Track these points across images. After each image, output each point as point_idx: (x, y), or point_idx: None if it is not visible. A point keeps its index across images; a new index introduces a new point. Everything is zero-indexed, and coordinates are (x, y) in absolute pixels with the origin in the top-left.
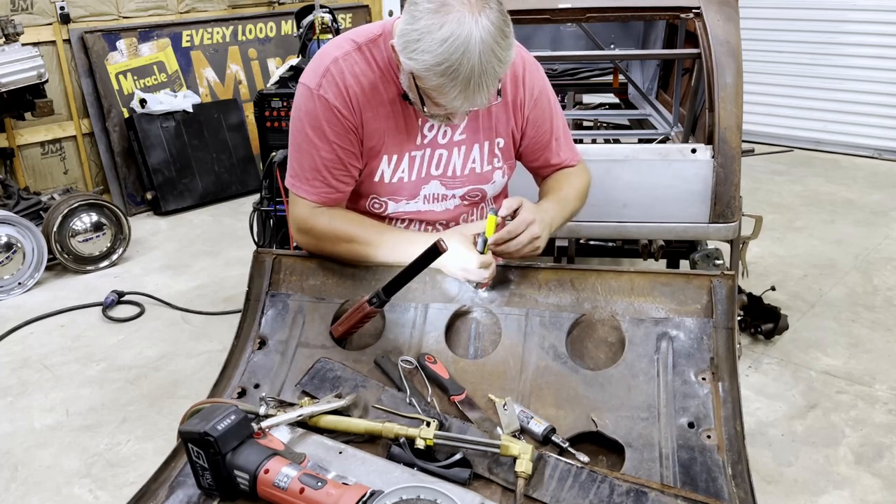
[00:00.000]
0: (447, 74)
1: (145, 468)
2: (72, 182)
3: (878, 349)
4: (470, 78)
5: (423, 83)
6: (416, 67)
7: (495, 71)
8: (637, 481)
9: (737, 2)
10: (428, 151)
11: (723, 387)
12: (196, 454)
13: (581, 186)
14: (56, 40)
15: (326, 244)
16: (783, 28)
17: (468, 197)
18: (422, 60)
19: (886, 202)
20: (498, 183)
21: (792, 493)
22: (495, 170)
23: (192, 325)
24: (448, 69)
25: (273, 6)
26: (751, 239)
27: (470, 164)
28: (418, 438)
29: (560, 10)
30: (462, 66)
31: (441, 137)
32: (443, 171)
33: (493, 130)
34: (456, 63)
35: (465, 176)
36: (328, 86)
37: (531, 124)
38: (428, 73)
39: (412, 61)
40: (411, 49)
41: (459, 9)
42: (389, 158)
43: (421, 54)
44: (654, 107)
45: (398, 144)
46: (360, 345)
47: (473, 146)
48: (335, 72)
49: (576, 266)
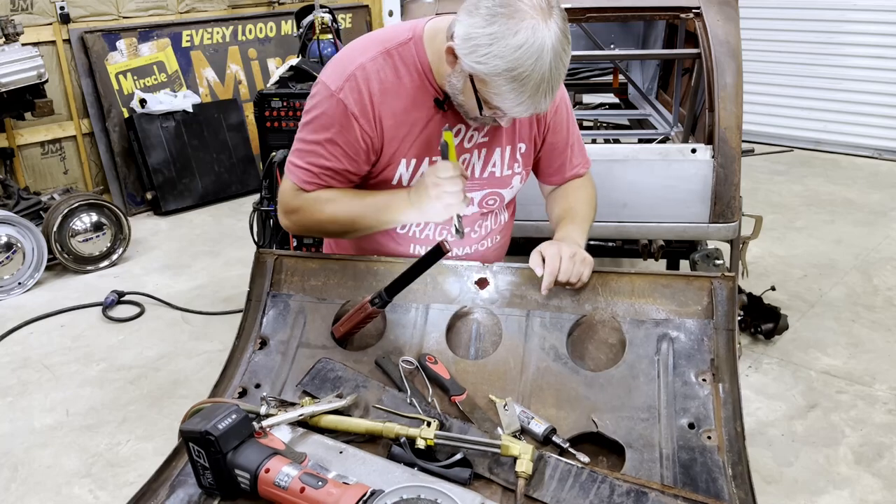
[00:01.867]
0: (518, 80)
1: (145, 468)
2: (72, 182)
3: (878, 349)
4: (540, 84)
5: (488, 87)
6: (485, 71)
7: (561, 76)
8: (637, 482)
9: (737, 2)
10: None
11: (723, 388)
12: (197, 453)
13: (590, 198)
14: (56, 40)
15: (309, 220)
16: (783, 28)
17: (485, 204)
18: (493, 65)
19: (886, 202)
20: (515, 188)
21: (792, 493)
22: (514, 175)
23: (192, 325)
24: (520, 75)
25: (273, 6)
26: (751, 239)
27: (490, 168)
28: (419, 438)
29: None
30: (534, 73)
31: (467, 142)
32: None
33: (516, 135)
34: (529, 69)
35: (483, 179)
36: (350, 91)
37: (552, 130)
38: (497, 79)
39: (481, 65)
40: (482, 53)
41: (533, 15)
42: (408, 162)
43: (492, 59)
44: (654, 107)
45: (419, 149)
46: (361, 345)
47: (495, 150)
48: (360, 77)
49: None
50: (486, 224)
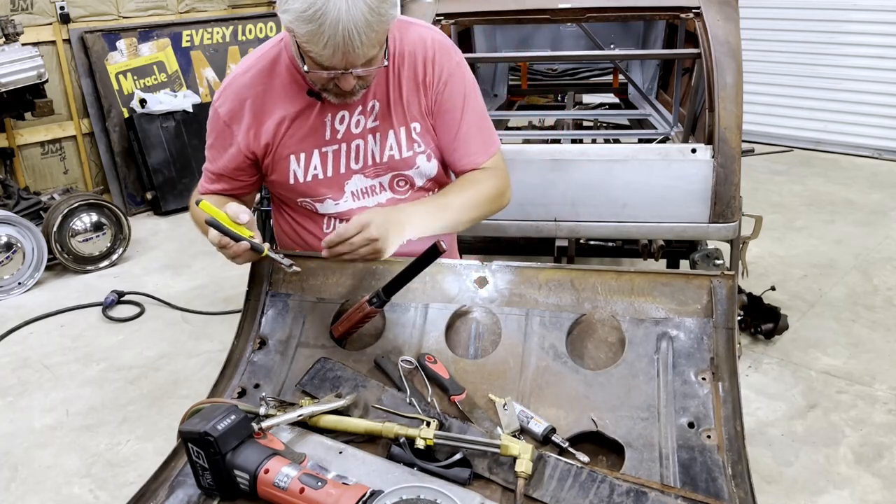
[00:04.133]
0: (315, 20)
1: (145, 468)
2: (72, 182)
3: (878, 349)
4: (338, 23)
5: (299, 38)
6: (288, 20)
7: (366, 19)
8: (637, 481)
9: (737, 2)
10: (344, 147)
11: (723, 387)
12: (196, 454)
13: (477, 194)
14: (56, 40)
15: (193, 219)
16: (783, 28)
17: (396, 187)
18: (293, 10)
19: (886, 202)
20: (424, 167)
21: (792, 493)
22: (417, 154)
23: (192, 325)
24: (315, 14)
25: (273, 6)
26: (751, 239)
27: (388, 151)
28: (418, 438)
29: (560, 10)
30: (328, 11)
31: (354, 127)
32: (363, 163)
33: (405, 115)
34: (322, 8)
35: (384, 163)
36: (224, 101)
37: (440, 109)
38: (298, 23)
39: (285, 14)
40: (284, 4)
41: None
42: (297, 158)
43: (292, 3)
44: (654, 107)
45: (305, 142)
46: (361, 345)
47: (388, 132)
48: (233, 88)
49: (576, 266)
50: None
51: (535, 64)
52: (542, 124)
